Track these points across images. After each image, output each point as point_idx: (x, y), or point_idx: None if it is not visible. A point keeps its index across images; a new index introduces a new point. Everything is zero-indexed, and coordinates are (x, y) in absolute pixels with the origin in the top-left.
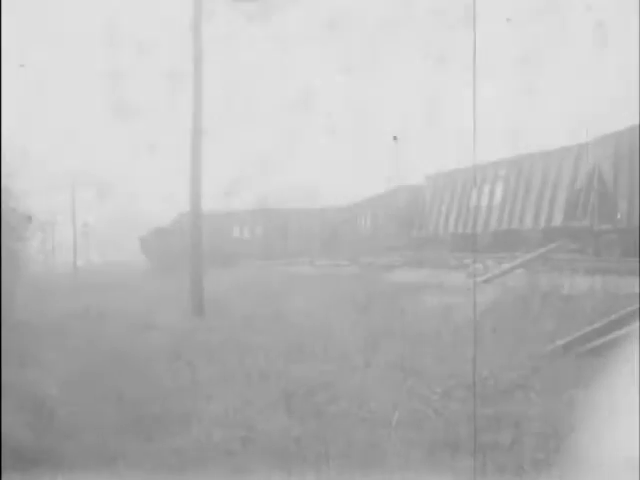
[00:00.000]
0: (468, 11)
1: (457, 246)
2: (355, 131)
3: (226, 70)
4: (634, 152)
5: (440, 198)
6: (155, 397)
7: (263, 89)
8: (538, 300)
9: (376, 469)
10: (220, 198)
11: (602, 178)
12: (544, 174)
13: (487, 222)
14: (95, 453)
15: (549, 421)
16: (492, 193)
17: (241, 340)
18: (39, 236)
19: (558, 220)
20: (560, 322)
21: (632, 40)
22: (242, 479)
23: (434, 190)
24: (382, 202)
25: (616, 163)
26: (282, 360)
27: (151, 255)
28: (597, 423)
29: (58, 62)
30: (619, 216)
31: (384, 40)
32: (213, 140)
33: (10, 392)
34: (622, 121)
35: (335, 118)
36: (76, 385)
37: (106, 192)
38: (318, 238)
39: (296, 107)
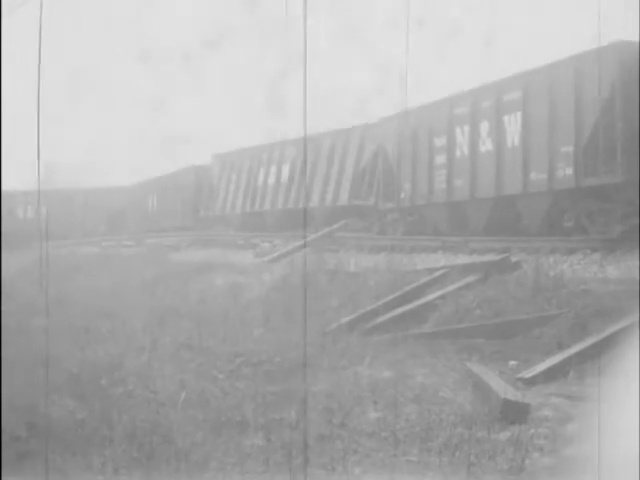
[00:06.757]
0: None
1: (245, 225)
2: None
3: None
4: (417, 132)
5: (227, 178)
6: None
7: None
8: (324, 278)
9: (162, 448)
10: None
11: (387, 158)
12: (330, 153)
13: (274, 202)
14: None
15: (334, 397)
16: (279, 173)
17: (23, 324)
18: None
19: (344, 199)
20: (346, 299)
21: None
22: (25, 464)
23: (221, 169)
24: (169, 182)
25: (400, 143)
26: (67, 343)
27: None
28: None
29: None
30: (402, 195)
31: None
32: None
33: None
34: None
35: None
36: None
37: None
38: (105, 218)
39: None
